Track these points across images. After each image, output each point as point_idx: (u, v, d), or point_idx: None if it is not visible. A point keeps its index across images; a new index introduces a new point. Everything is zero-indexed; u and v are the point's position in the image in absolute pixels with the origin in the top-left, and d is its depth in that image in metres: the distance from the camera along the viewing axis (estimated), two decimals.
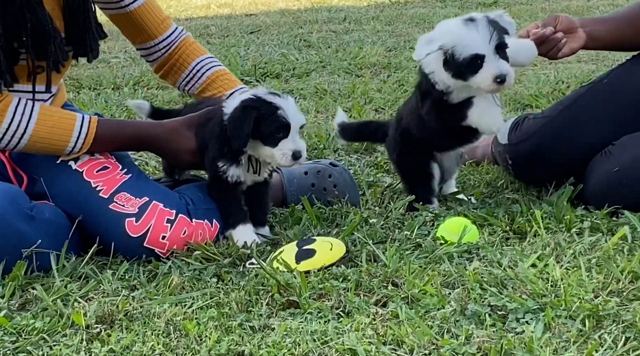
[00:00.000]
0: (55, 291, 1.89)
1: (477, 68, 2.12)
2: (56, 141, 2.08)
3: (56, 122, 2.07)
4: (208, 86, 2.40)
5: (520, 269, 1.90)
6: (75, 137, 2.08)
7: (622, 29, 2.47)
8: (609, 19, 2.53)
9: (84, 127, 2.09)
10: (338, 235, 2.18)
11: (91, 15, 2.19)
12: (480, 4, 7.08)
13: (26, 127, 2.05)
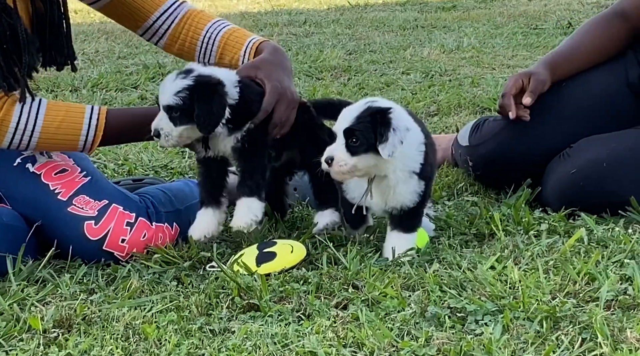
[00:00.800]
0: (11, 296, 1.86)
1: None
2: (68, 136, 2.04)
3: (65, 116, 2.03)
4: (224, 52, 2.28)
5: (479, 271, 1.92)
6: (86, 129, 2.04)
7: (589, 61, 2.52)
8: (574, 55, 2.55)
9: (93, 118, 2.05)
10: (299, 237, 2.17)
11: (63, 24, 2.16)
12: (439, 8, 7.15)
13: (34, 124, 2.01)
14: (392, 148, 1.93)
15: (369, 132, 1.95)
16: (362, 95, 3.88)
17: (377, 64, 4.67)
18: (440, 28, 6.01)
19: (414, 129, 2.02)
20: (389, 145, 1.93)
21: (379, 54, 4.99)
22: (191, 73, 2.03)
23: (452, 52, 5.02)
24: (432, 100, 3.75)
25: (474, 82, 4.09)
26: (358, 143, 1.95)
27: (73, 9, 2.34)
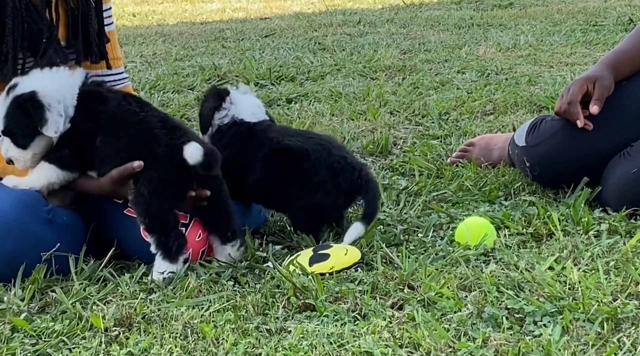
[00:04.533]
0: (74, 294, 1.90)
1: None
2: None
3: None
4: None
5: (537, 272, 1.90)
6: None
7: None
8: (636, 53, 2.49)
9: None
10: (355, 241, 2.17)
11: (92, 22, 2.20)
12: (495, 6, 7.07)
13: None
14: (56, 125, 1.97)
15: (25, 123, 1.98)
16: (417, 95, 3.87)
17: (431, 63, 4.64)
18: (497, 26, 5.95)
19: (63, 96, 2.01)
20: (52, 124, 1.97)
21: (434, 52, 4.96)
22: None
23: (508, 50, 4.96)
24: (488, 99, 3.71)
25: (531, 81, 4.03)
26: (22, 137, 1.99)
27: (131, 12, 2.38)
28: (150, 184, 1.97)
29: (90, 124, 2.03)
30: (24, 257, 1.97)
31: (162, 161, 1.98)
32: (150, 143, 2.00)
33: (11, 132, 1.99)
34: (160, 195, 1.98)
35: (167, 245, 1.98)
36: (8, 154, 2.01)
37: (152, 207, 1.98)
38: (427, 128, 3.33)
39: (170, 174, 1.98)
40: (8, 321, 1.78)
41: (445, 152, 2.97)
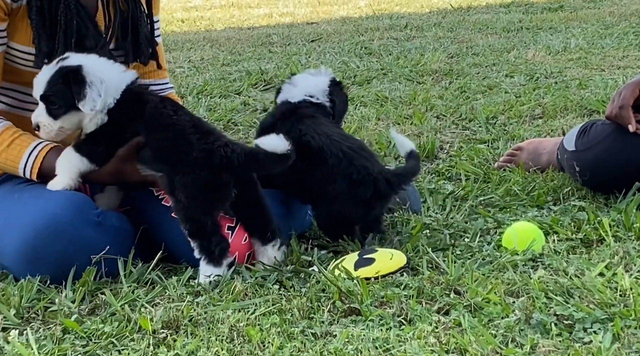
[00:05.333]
0: (123, 297, 1.92)
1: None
2: (7, 165, 2.10)
3: (9, 147, 2.09)
4: None
5: (587, 278, 1.87)
6: (23, 164, 2.09)
7: None
8: None
9: (32, 155, 2.09)
10: (400, 242, 2.17)
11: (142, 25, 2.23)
12: (545, 9, 6.99)
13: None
14: (92, 103, 2.00)
15: (64, 94, 2.02)
16: (464, 99, 3.84)
17: (479, 67, 4.60)
18: (546, 29, 5.88)
19: (111, 79, 2.04)
20: (89, 101, 2.00)
21: (482, 56, 4.92)
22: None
23: (558, 54, 4.90)
24: (537, 103, 3.66)
25: (582, 84, 3.98)
26: (57, 106, 2.02)
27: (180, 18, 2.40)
28: (185, 190, 1.99)
29: (127, 122, 2.05)
30: (74, 260, 2.00)
31: (196, 166, 1.99)
32: (184, 147, 2.01)
33: (48, 99, 2.03)
34: (196, 201, 2.00)
35: (210, 250, 2.00)
36: (37, 119, 2.04)
37: (190, 212, 2.00)
38: (474, 133, 3.31)
39: (206, 179, 1.99)
40: (59, 323, 1.81)
41: (493, 157, 2.95)
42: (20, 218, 2.00)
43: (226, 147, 2.01)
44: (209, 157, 1.99)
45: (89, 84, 2.00)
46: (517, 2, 7.52)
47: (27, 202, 2.03)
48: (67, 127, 2.05)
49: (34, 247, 1.98)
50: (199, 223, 2.00)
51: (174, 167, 2.01)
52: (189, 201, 1.99)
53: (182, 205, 2.00)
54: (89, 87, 2.00)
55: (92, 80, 2.00)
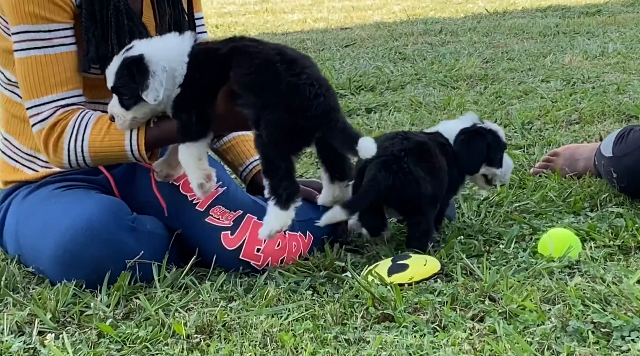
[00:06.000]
0: (157, 301, 1.93)
1: None
2: (113, 145, 2.06)
3: (108, 131, 2.06)
4: (229, 148, 2.38)
5: (625, 285, 1.84)
6: (128, 143, 2.06)
7: None
8: None
9: (133, 131, 2.05)
10: (434, 248, 2.15)
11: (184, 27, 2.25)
12: (582, 13, 6.92)
13: (83, 136, 2.06)
14: (156, 93, 1.97)
15: (130, 85, 1.99)
16: (499, 104, 3.81)
17: (515, 72, 4.57)
18: (584, 34, 5.81)
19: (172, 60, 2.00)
20: (152, 91, 1.97)
21: (517, 61, 4.88)
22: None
23: (595, 58, 4.84)
24: (574, 108, 3.62)
25: (620, 89, 3.92)
26: (127, 97, 2.00)
27: (214, 24, 2.42)
28: (268, 128, 1.93)
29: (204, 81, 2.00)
30: (109, 264, 2.01)
31: (282, 100, 1.92)
32: (272, 77, 1.94)
33: (118, 91, 2.03)
34: (276, 142, 1.94)
35: (277, 193, 1.95)
36: (112, 110, 2.04)
37: (268, 151, 1.95)
38: (510, 138, 3.28)
39: (288, 120, 1.92)
40: (94, 327, 1.83)
41: (528, 162, 2.92)
42: (56, 223, 2.02)
43: (312, 87, 1.93)
44: (295, 93, 1.92)
45: (152, 74, 1.98)
46: (553, 6, 7.46)
47: (64, 207, 2.06)
48: (140, 117, 2.03)
49: (70, 251, 2.00)
50: (274, 165, 1.96)
51: (261, 98, 1.94)
52: (269, 140, 1.93)
53: (261, 141, 1.95)
54: (151, 77, 1.97)
55: (155, 70, 1.98)
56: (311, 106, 1.91)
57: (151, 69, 1.98)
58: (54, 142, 2.06)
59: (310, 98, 1.91)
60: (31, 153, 2.19)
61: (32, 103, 2.06)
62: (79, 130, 2.06)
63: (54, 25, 2.04)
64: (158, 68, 1.98)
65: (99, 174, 2.20)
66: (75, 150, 2.06)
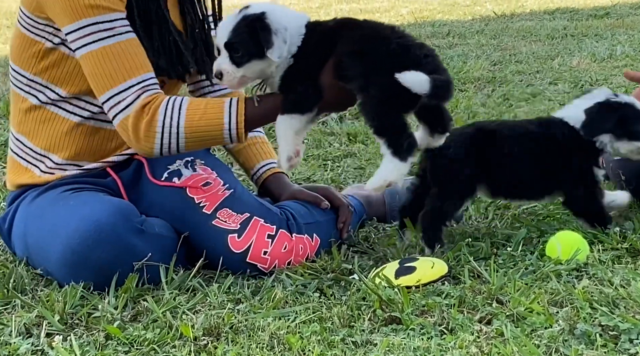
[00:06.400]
0: (164, 304, 1.94)
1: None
2: (211, 127, 2.04)
3: (205, 108, 2.05)
4: (242, 150, 2.39)
5: (633, 288, 1.83)
6: (227, 121, 2.04)
7: None
8: None
9: (232, 108, 2.05)
10: (441, 251, 2.15)
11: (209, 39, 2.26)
12: (590, 16, 6.90)
13: (178, 120, 2.03)
14: (280, 51, 1.97)
15: (249, 42, 1.99)
16: (507, 107, 3.81)
17: (522, 75, 4.56)
18: (592, 36, 5.80)
19: (292, 24, 2.02)
20: (276, 49, 1.97)
21: (525, 64, 4.87)
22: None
23: (603, 61, 4.83)
24: None
25: (628, 92, 3.90)
26: (240, 54, 1.99)
27: None
28: (380, 89, 1.94)
29: (315, 56, 2.02)
30: (117, 266, 2.02)
31: (396, 62, 1.93)
32: (380, 40, 1.98)
33: (233, 47, 2.01)
34: (390, 101, 1.94)
35: (399, 143, 1.95)
36: (221, 66, 2.02)
37: (381, 111, 1.95)
38: None
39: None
40: (102, 329, 1.83)
41: None
42: (65, 224, 2.03)
43: (421, 49, 1.98)
44: (405, 53, 1.95)
45: (275, 32, 1.98)
46: (561, 9, 7.44)
47: (72, 209, 2.06)
48: (248, 76, 2.03)
49: (78, 253, 2.00)
50: (389, 122, 1.95)
51: (371, 63, 1.95)
52: (382, 101, 1.94)
53: (373, 103, 1.94)
54: (274, 35, 1.98)
55: (277, 28, 1.98)
56: (421, 64, 1.94)
57: (274, 27, 1.98)
58: (146, 126, 2.02)
59: (421, 57, 1.95)
60: (43, 153, 2.20)
61: (110, 93, 2.03)
62: (174, 111, 2.03)
63: (114, 14, 2.03)
64: (280, 27, 1.98)
65: (107, 177, 2.21)
66: (170, 132, 2.03)
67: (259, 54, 1.98)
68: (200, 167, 2.19)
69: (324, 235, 2.22)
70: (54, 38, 2.11)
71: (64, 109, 2.17)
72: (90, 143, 2.19)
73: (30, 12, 2.11)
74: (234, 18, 2.01)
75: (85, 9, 2.01)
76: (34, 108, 2.18)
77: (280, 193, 2.33)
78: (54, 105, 2.17)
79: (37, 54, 2.13)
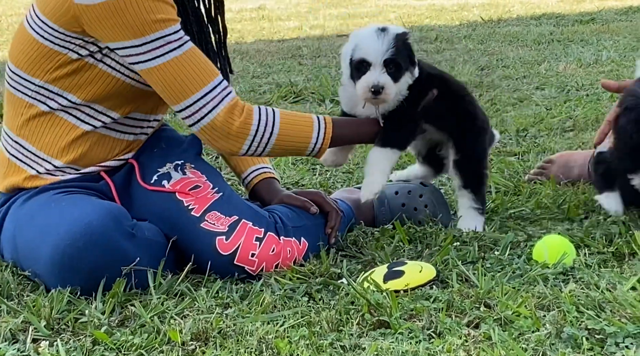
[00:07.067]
0: (152, 308, 1.93)
1: (362, 74, 2.12)
2: (299, 143, 2.12)
3: (296, 124, 2.12)
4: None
5: (619, 292, 1.84)
6: (315, 138, 2.12)
7: None
8: None
9: (321, 127, 2.13)
10: (430, 255, 2.16)
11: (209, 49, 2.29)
12: (576, 21, 6.94)
13: (272, 131, 2.09)
14: (416, 68, 2.11)
15: (406, 58, 2.09)
16: (494, 111, 3.82)
17: (510, 79, 4.58)
18: (578, 42, 5.84)
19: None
20: (415, 67, 2.10)
21: (512, 69, 4.90)
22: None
23: (589, 66, 4.86)
24: (568, 115, 3.64)
25: (613, 97, 3.93)
26: (400, 69, 2.08)
27: None
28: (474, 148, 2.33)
29: (420, 95, 2.17)
30: (105, 271, 2.01)
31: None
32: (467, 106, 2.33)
33: (394, 62, 2.09)
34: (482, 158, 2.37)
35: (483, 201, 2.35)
36: (384, 81, 2.08)
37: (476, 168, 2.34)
38: (505, 145, 3.29)
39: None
40: (89, 334, 1.83)
41: (523, 169, 2.93)
42: (55, 227, 2.02)
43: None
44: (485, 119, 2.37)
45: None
46: (548, 14, 7.48)
47: (63, 211, 2.05)
48: (399, 91, 2.13)
49: (68, 255, 1.99)
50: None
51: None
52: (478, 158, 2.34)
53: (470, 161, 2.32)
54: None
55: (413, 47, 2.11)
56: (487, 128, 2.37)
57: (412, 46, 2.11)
58: (240, 126, 2.07)
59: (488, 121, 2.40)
60: (45, 157, 2.16)
61: (191, 100, 2.05)
62: (268, 117, 2.09)
63: (177, 25, 2.06)
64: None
65: (100, 180, 2.20)
66: (262, 137, 2.09)
67: (409, 70, 2.12)
68: (190, 170, 2.19)
69: (312, 239, 2.22)
70: (81, 49, 2.08)
71: (74, 116, 2.15)
72: (95, 151, 2.18)
73: (58, 25, 2.06)
74: (382, 35, 2.10)
75: (155, 24, 2.01)
76: (41, 114, 2.15)
77: (270, 198, 2.34)
78: (65, 112, 2.15)
79: (55, 63, 2.10)
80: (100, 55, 2.09)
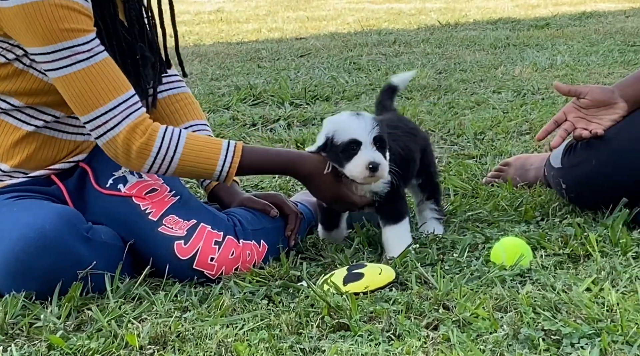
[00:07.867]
0: (109, 312, 1.91)
1: (353, 155, 2.11)
2: (204, 167, 2.09)
3: (203, 148, 2.08)
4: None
5: (574, 293, 1.87)
6: (221, 164, 2.09)
7: None
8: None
9: (229, 154, 2.09)
10: (390, 258, 2.17)
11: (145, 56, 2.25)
12: (532, 26, 7.04)
13: (174, 153, 2.06)
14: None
15: (386, 135, 2.14)
16: (452, 114, 3.86)
17: (467, 83, 4.63)
18: (533, 46, 5.92)
19: None
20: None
21: (470, 72, 4.95)
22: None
23: (545, 70, 4.93)
24: (524, 119, 3.69)
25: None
26: (385, 145, 2.13)
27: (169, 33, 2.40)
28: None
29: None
30: (61, 275, 1.98)
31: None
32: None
33: (382, 139, 2.12)
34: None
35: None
36: (379, 159, 2.10)
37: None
38: (463, 148, 3.32)
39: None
40: (44, 339, 1.80)
41: (481, 172, 2.96)
42: (8, 231, 1.99)
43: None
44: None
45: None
46: (504, 19, 7.58)
47: (16, 215, 2.02)
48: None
49: (21, 260, 1.96)
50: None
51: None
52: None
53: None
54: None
55: None
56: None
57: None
58: (140, 147, 2.03)
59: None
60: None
61: (96, 113, 2.02)
62: (172, 141, 2.06)
63: (89, 35, 2.00)
64: None
65: (52, 185, 2.17)
66: (164, 160, 2.06)
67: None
68: (147, 173, 2.17)
69: (272, 242, 2.22)
70: (8, 53, 2.06)
71: (16, 118, 2.12)
72: (41, 152, 2.15)
73: None
74: (360, 117, 2.14)
75: (62, 33, 1.97)
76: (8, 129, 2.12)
77: (230, 200, 2.32)
78: (6, 114, 2.12)
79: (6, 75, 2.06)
80: (28, 60, 2.06)
